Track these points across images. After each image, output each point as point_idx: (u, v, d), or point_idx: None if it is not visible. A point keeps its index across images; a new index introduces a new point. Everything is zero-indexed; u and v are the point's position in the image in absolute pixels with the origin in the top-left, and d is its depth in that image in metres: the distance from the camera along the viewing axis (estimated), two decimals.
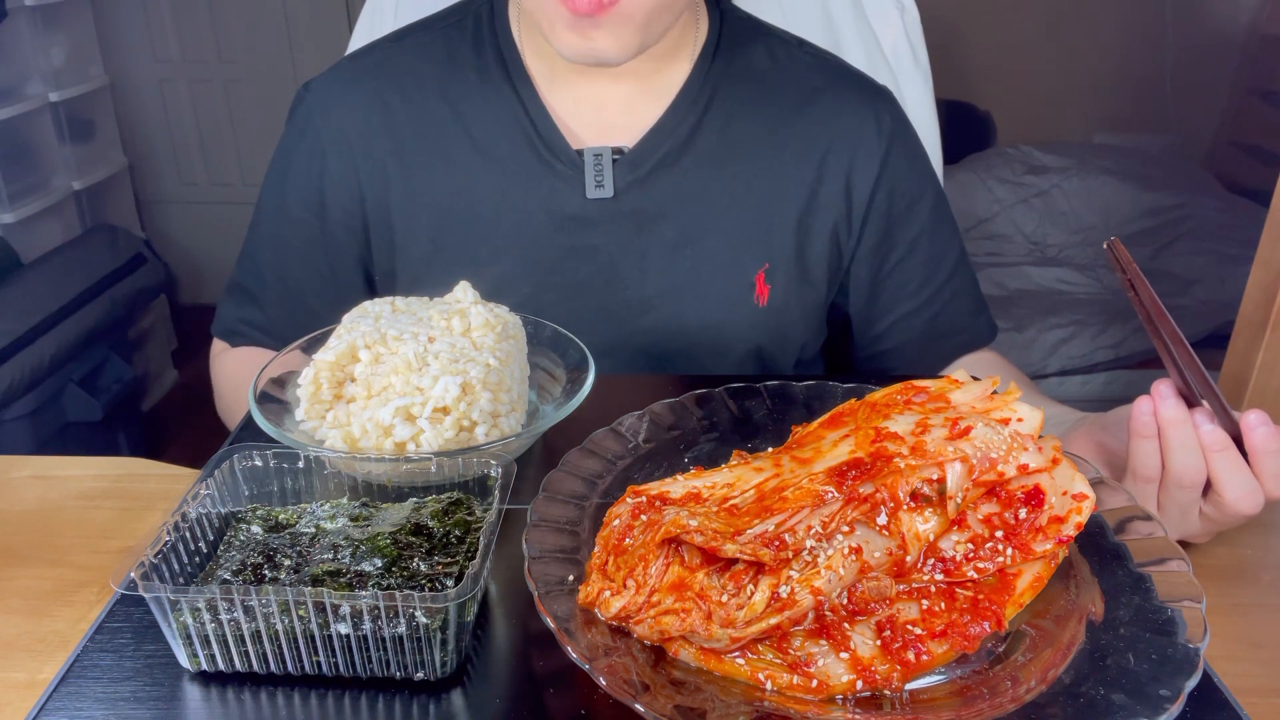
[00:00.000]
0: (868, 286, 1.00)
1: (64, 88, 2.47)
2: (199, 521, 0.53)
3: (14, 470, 0.81)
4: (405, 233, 0.96)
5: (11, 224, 2.29)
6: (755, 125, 0.95)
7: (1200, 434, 0.64)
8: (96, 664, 0.50)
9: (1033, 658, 0.49)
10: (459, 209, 0.94)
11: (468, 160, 0.94)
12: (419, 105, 0.95)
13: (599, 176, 0.91)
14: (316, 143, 0.96)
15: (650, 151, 0.93)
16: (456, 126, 0.94)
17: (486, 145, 0.94)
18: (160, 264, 2.66)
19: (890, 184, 0.96)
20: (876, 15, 1.37)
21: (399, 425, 0.61)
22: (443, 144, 0.95)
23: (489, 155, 0.94)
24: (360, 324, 0.67)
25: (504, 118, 0.94)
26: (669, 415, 0.67)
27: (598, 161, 0.91)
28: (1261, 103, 2.77)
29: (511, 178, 0.93)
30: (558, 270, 0.93)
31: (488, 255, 0.93)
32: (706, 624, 0.46)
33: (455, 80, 0.95)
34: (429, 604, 0.46)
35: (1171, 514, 0.67)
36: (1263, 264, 1.07)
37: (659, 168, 0.92)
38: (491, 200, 0.93)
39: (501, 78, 0.94)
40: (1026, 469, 0.52)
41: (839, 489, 0.50)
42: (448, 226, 0.94)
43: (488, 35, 0.96)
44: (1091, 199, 2.60)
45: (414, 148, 0.95)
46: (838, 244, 0.97)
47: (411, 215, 0.95)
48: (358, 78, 0.97)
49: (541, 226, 0.92)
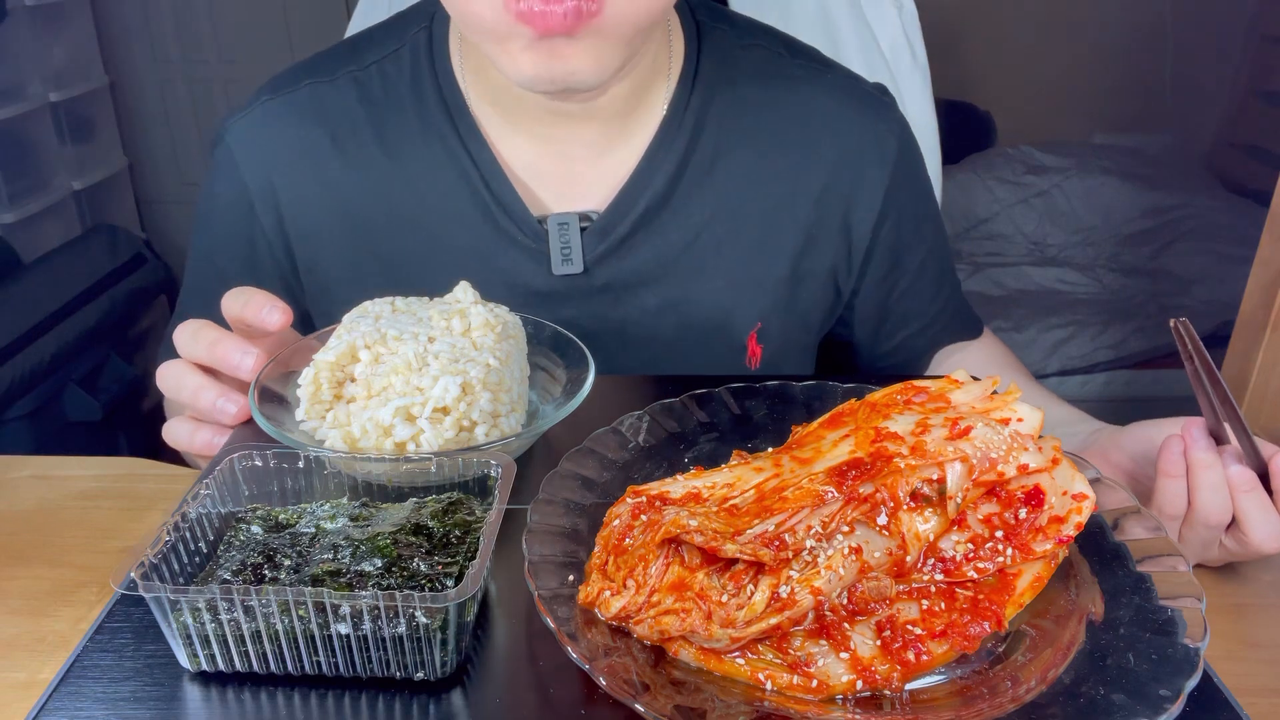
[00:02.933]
0: (874, 315, 0.93)
1: (64, 88, 2.47)
2: (199, 521, 0.53)
3: (14, 470, 0.81)
4: (346, 299, 0.83)
5: (11, 224, 2.29)
6: (743, 166, 0.83)
7: (1229, 474, 0.63)
8: (96, 664, 0.50)
9: (1033, 658, 0.49)
10: (410, 275, 0.82)
11: (415, 220, 0.82)
12: (354, 156, 0.82)
13: (566, 249, 0.79)
14: (241, 194, 0.85)
15: (623, 214, 0.80)
16: (399, 182, 0.81)
17: (435, 205, 0.81)
18: (160, 264, 2.66)
19: (896, 215, 0.87)
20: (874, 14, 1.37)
21: (399, 425, 0.61)
22: (385, 202, 0.82)
23: (440, 216, 0.81)
24: (360, 324, 0.67)
25: (452, 177, 0.81)
26: (669, 415, 0.67)
27: (564, 231, 0.79)
28: (1261, 103, 2.77)
29: (466, 246, 0.81)
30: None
31: None
32: (706, 624, 0.46)
33: (394, 131, 0.82)
34: (429, 604, 0.46)
35: (1193, 546, 0.66)
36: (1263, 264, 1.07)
37: (635, 232, 0.81)
38: (446, 267, 0.79)
39: (448, 130, 0.80)
40: (1026, 469, 0.52)
41: (839, 489, 0.50)
42: (398, 294, 0.83)
43: (427, 75, 0.81)
44: (1091, 199, 2.60)
45: (351, 204, 0.83)
46: (835, 287, 0.89)
47: (354, 281, 0.84)
48: (281, 120, 0.83)
49: (504, 300, 0.76)
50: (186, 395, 0.67)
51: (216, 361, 0.66)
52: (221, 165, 0.86)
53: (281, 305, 0.67)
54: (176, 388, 0.68)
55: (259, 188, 0.84)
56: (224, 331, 0.67)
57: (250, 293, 0.68)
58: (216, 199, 0.87)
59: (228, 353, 0.65)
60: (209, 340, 0.66)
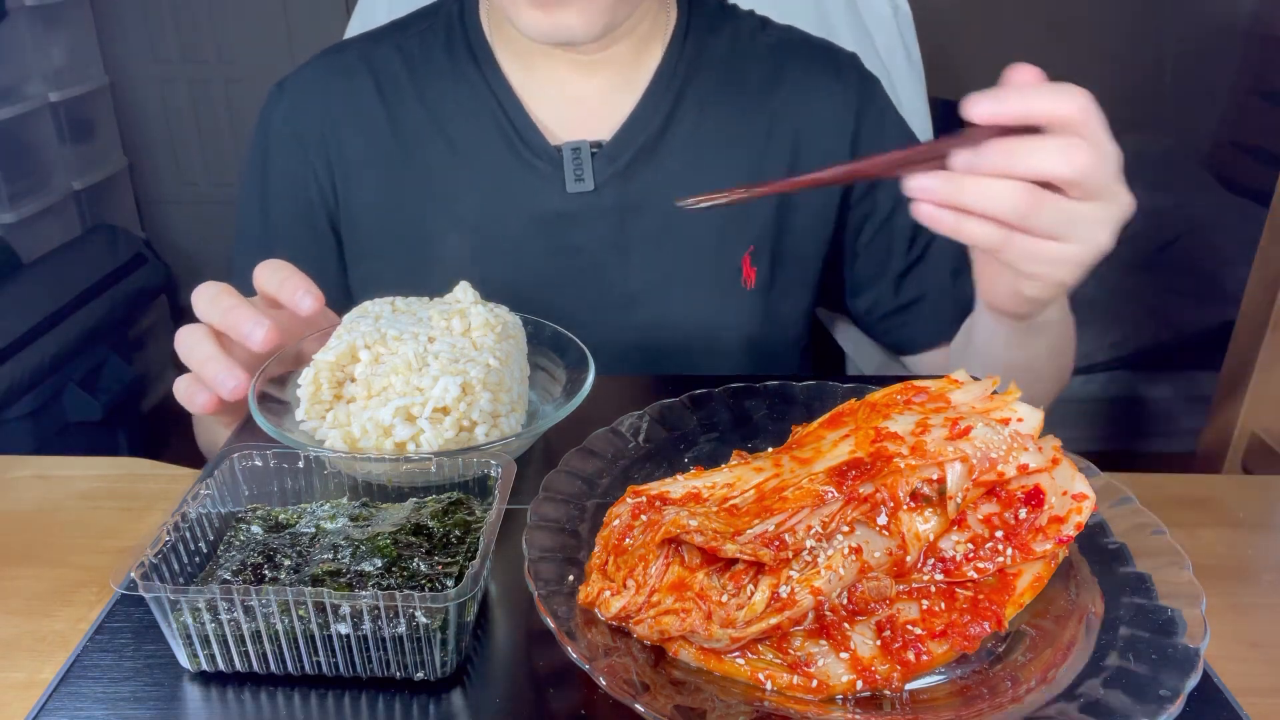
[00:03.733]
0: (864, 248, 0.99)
1: (64, 88, 2.47)
2: (199, 521, 0.53)
3: (14, 470, 0.81)
4: (382, 239, 0.95)
5: (11, 224, 2.29)
6: (727, 111, 0.94)
7: (913, 187, 0.58)
8: (96, 664, 0.50)
9: (1033, 658, 0.49)
10: (439, 213, 0.93)
11: (446, 164, 0.93)
12: (395, 108, 0.94)
13: (579, 170, 0.91)
14: (297, 143, 0.95)
15: (627, 143, 0.92)
16: (433, 129, 0.93)
17: (464, 148, 0.93)
18: (160, 264, 2.66)
19: (867, 141, 0.96)
20: (870, 13, 1.37)
21: (399, 425, 0.61)
22: (420, 148, 0.94)
23: (467, 158, 0.93)
24: (360, 324, 0.67)
25: (480, 118, 0.93)
26: (669, 415, 0.67)
27: (576, 156, 0.91)
28: (1261, 103, 2.77)
29: (491, 179, 0.93)
30: (542, 271, 0.92)
31: (470, 258, 0.93)
32: (706, 624, 0.46)
33: (430, 83, 0.94)
34: (429, 604, 0.46)
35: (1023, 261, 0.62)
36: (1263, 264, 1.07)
37: (637, 159, 0.92)
38: (472, 203, 0.93)
39: (476, 78, 0.93)
40: (1026, 469, 0.52)
41: (839, 489, 0.50)
42: (428, 232, 0.94)
43: (459, 35, 0.95)
44: None
45: (391, 151, 0.94)
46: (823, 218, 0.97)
47: (390, 221, 0.94)
48: (331, 75, 0.96)
49: (523, 227, 0.92)
50: (195, 363, 0.69)
51: (229, 328, 0.68)
52: (275, 119, 0.96)
53: (315, 292, 0.70)
54: (187, 353, 0.69)
55: (312, 132, 0.95)
56: (240, 299, 0.69)
57: (286, 272, 0.70)
58: (272, 153, 0.97)
59: (239, 320, 0.67)
60: (224, 306, 0.68)
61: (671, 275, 0.94)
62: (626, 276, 0.93)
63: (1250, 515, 0.76)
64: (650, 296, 0.94)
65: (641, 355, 0.95)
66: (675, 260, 0.94)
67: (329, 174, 0.95)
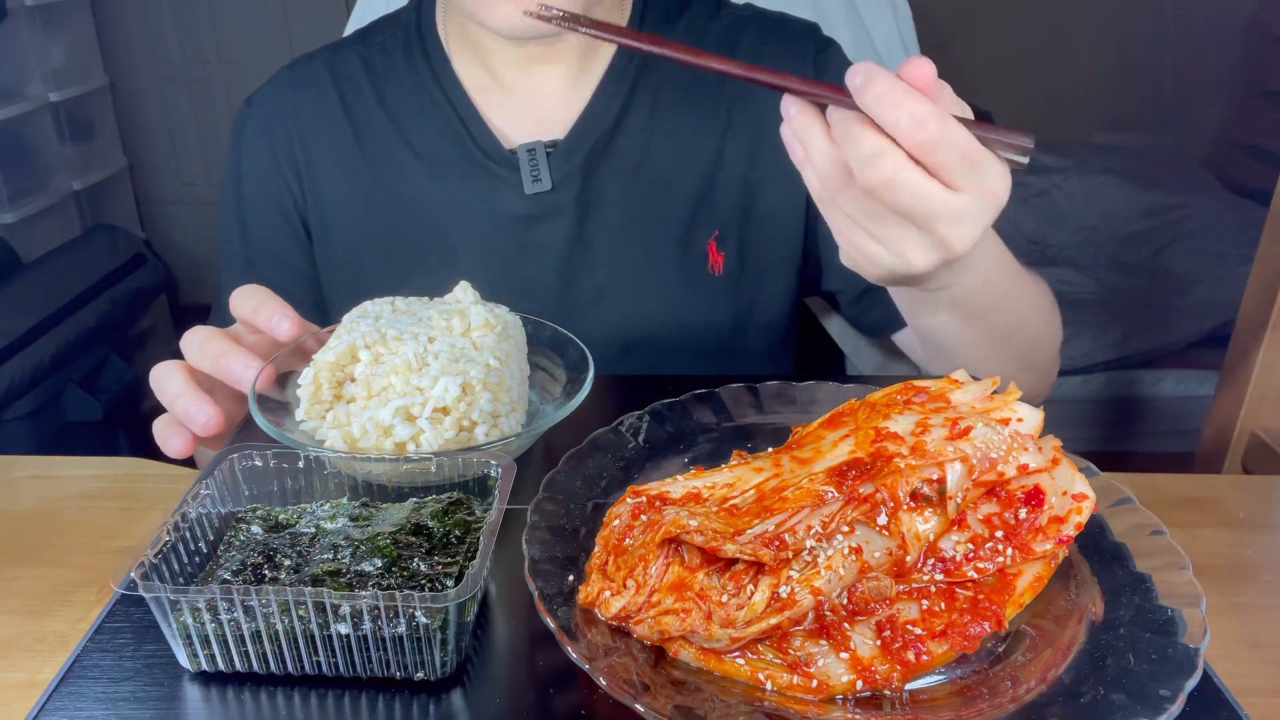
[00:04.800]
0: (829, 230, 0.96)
1: (64, 88, 2.47)
2: (199, 521, 0.53)
3: (14, 470, 0.81)
4: (353, 246, 0.96)
5: (11, 224, 2.30)
6: (684, 98, 0.94)
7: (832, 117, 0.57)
8: (96, 664, 0.50)
9: (1033, 658, 0.49)
10: (406, 220, 0.94)
11: (410, 171, 0.94)
12: (359, 117, 0.96)
13: (535, 171, 0.91)
14: (269, 156, 0.97)
15: (582, 140, 0.92)
16: (396, 138, 0.95)
17: (426, 155, 0.94)
18: (160, 264, 2.66)
19: None
20: (869, 11, 1.37)
21: (399, 425, 0.61)
22: (385, 156, 0.95)
23: (429, 165, 0.94)
24: (360, 324, 0.67)
25: (438, 125, 0.94)
26: (669, 415, 0.67)
27: (531, 156, 0.91)
28: (1261, 103, 2.77)
29: (453, 185, 0.94)
30: (509, 271, 0.93)
31: (435, 262, 0.93)
32: (706, 624, 0.46)
33: (391, 91, 0.96)
34: (429, 604, 0.46)
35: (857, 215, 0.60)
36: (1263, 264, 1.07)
37: (593, 154, 0.92)
38: (436, 207, 0.94)
39: (433, 85, 0.94)
40: (1026, 469, 0.52)
41: (839, 489, 0.50)
42: (397, 238, 0.94)
43: (416, 43, 0.96)
44: (1091, 199, 2.60)
45: (357, 160, 0.95)
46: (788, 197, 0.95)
47: (359, 228, 0.95)
48: (297, 87, 0.98)
49: (488, 231, 0.93)
50: (167, 399, 0.71)
51: (220, 374, 0.70)
52: (247, 135, 0.98)
53: (292, 315, 0.71)
54: (160, 389, 0.71)
55: (282, 144, 0.96)
56: (231, 344, 0.70)
57: (262, 296, 0.72)
58: (246, 171, 0.98)
59: (231, 365, 0.69)
60: (215, 353, 0.70)
61: (638, 266, 0.94)
62: (593, 271, 0.94)
63: (1250, 515, 0.76)
64: (619, 289, 0.94)
65: (614, 350, 0.95)
66: (640, 251, 0.94)
67: (299, 183, 0.97)
